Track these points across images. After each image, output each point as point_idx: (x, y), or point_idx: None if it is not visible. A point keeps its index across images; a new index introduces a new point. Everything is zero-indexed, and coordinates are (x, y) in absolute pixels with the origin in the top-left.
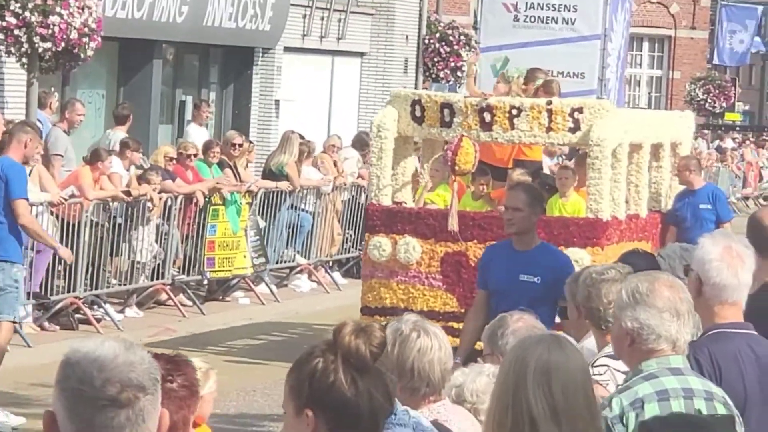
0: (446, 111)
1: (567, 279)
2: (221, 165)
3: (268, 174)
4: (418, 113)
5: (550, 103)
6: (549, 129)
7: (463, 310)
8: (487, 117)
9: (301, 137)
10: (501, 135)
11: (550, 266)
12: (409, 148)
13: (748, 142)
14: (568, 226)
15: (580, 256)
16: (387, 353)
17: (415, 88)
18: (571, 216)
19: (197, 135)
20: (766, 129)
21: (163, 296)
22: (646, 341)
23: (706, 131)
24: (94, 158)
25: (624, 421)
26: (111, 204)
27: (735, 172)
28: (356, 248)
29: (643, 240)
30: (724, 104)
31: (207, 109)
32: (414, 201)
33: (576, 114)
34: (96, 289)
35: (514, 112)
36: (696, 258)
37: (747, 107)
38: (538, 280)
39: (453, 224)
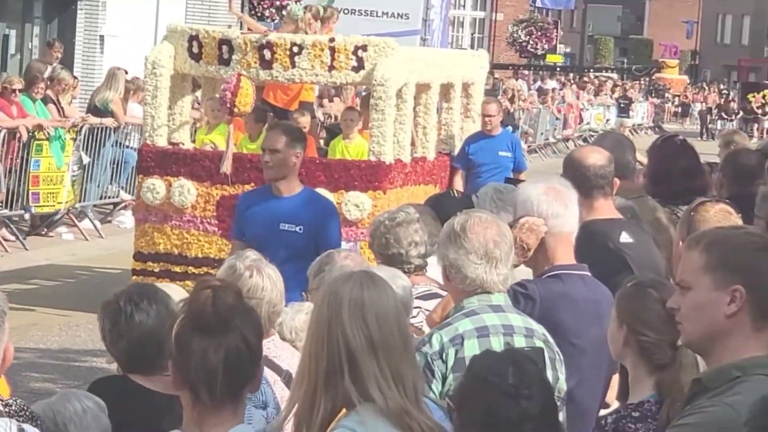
0: (224, 48)
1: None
2: (45, 101)
3: (93, 110)
4: (195, 50)
5: (332, 40)
6: (332, 68)
7: None
8: (267, 54)
9: (127, 73)
10: (281, 74)
11: (314, 214)
12: (186, 86)
13: (569, 83)
14: (350, 169)
15: (361, 201)
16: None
17: (240, 27)
18: (352, 159)
19: None
20: (586, 70)
21: None
22: (455, 280)
23: (527, 72)
24: None
25: (443, 357)
26: None
27: (555, 114)
28: None
29: (431, 184)
30: (546, 46)
31: (59, 49)
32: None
33: (360, 52)
34: None
35: (295, 49)
36: (521, 204)
37: (568, 50)
38: (300, 229)
39: (226, 167)
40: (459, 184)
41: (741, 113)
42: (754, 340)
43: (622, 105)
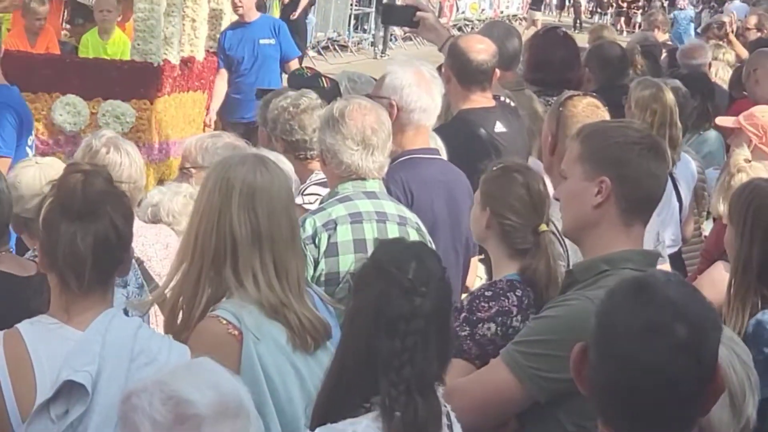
0: None
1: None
2: None
3: None
4: None
5: None
6: None
7: None
8: None
9: None
10: None
11: None
12: None
13: None
14: (109, 71)
15: (122, 111)
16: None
17: None
18: (112, 59)
19: None
20: None
21: None
22: (331, 165)
23: None
24: None
25: (316, 241)
26: None
27: (431, 4)
28: None
29: (200, 90)
30: None
31: None
32: None
33: None
34: None
35: None
36: (388, 85)
37: None
38: None
39: None
40: (221, 87)
41: (615, 6)
42: (624, 235)
43: None
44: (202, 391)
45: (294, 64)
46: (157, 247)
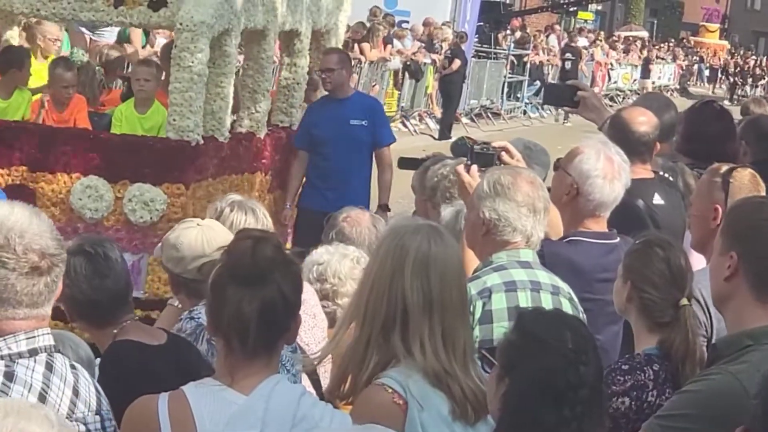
0: None
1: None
2: None
3: None
4: None
5: None
6: (119, 2)
7: None
8: None
9: None
10: (46, 6)
11: None
12: None
13: (599, 41)
14: (138, 150)
15: (151, 197)
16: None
17: None
18: (142, 136)
19: None
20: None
21: None
22: (502, 233)
23: (558, 26)
24: None
25: (471, 309)
26: None
27: (584, 72)
28: None
29: (259, 171)
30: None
31: None
32: None
33: None
34: None
35: None
36: (578, 168)
37: (599, 7)
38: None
39: None
40: (299, 172)
41: (766, 79)
42: (761, 310)
43: (644, 66)
44: None
45: (386, 152)
46: None
